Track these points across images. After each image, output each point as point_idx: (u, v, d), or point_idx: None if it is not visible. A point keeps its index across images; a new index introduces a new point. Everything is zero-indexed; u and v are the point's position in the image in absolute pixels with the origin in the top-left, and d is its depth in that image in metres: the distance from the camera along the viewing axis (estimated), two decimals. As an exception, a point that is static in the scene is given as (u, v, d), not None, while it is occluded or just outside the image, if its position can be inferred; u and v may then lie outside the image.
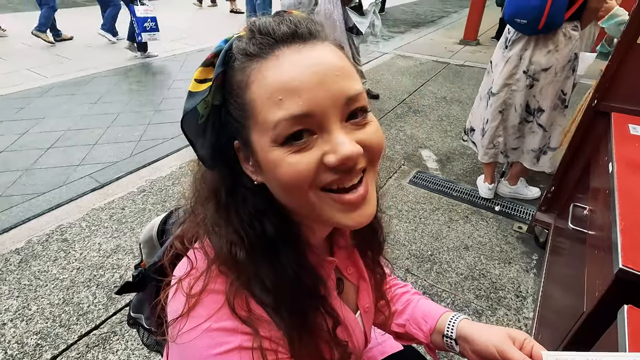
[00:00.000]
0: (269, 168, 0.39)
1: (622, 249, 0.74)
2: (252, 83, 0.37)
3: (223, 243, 0.44)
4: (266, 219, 0.44)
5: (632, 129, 1.26)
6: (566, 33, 1.67)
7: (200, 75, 0.40)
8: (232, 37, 0.41)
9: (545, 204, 1.82)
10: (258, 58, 0.37)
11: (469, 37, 5.94)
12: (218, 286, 0.43)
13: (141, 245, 0.69)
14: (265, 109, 0.37)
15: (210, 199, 0.46)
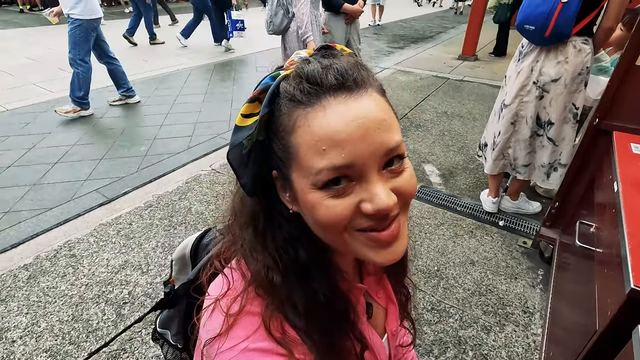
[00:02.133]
0: (307, 207, 0.41)
1: (633, 269, 0.76)
2: (298, 128, 0.39)
3: (260, 267, 0.46)
4: (300, 246, 0.46)
5: (635, 148, 1.30)
6: (576, 45, 1.71)
7: (247, 110, 0.42)
8: (277, 74, 0.42)
9: (550, 219, 1.85)
10: (305, 105, 0.39)
11: (468, 52, 6.06)
12: (254, 308, 0.45)
13: (173, 261, 0.70)
14: (309, 156, 0.38)
15: (249, 223, 0.48)
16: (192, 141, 3.21)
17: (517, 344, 1.51)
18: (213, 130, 3.42)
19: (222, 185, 2.55)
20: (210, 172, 2.71)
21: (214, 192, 2.48)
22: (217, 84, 4.76)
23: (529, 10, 1.71)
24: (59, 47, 6.38)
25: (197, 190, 2.49)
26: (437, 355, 1.46)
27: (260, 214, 0.47)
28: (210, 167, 2.78)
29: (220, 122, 3.62)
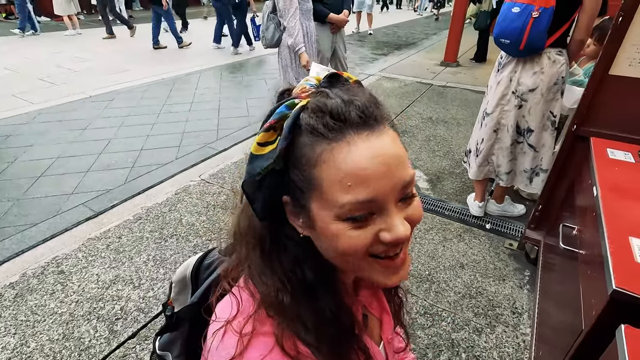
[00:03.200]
0: (328, 237, 0.42)
1: (614, 270, 0.81)
2: (323, 163, 0.40)
3: (269, 289, 0.47)
4: (307, 267, 0.48)
5: (611, 154, 1.37)
6: (550, 57, 1.80)
7: (263, 138, 0.42)
8: (292, 103, 0.42)
9: (534, 222, 1.92)
10: (329, 140, 0.40)
11: (450, 59, 6.22)
12: (266, 328, 0.46)
13: (173, 284, 0.70)
14: (334, 191, 0.40)
15: (256, 245, 0.49)
16: (180, 151, 3.19)
17: (508, 344, 1.55)
18: (201, 140, 3.40)
19: (212, 196, 2.54)
20: (200, 183, 2.70)
21: (204, 202, 2.47)
22: (204, 93, 4.75)
23: (504, 24, 1.79)
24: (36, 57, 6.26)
25: (187, 202, 2.47)
26: (432, 358, 1.49)
27: (267, 237, 0.48)
28: (199, 178, 2.76)
29: (208, 131, 3.60)
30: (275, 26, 2.83)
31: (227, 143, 3.35)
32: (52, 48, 6.96)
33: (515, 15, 1.72)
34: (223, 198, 2.51)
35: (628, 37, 1.40)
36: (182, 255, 2.00)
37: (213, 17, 11.09)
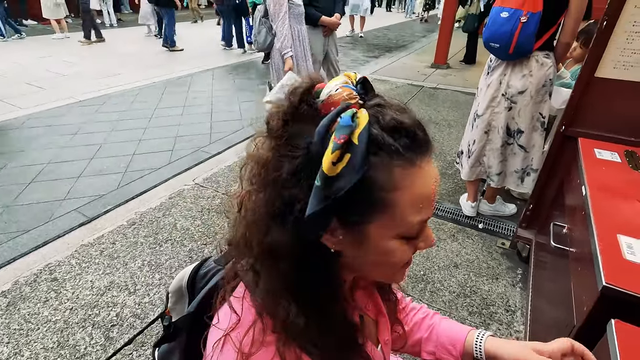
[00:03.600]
0: (381, 252, 0.44)
1: (604, 267, 0.84)
2: (400, 188, 0.40)
3: (279, 305, 0.46)
4: (324, 281, 0.47)
5: (598, 154, 1.41)
6: (538, 60, 1.85)
7: (336, 157, 0.37)
8: (352, 113, 0.38)
9: (525, 221, 1.95)
10: (404, 164, 0.40)
11: (440, 61, 6.30)
12: (268, 338, 0.46)
13: (169, 294, 0.69)
14: (407, 212, 0.42)
15: (269, 259, 0.46)
16: (173, 156, 3.17)
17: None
18: (194, 144, 3.39)
19: (206, 200, 2.53)
20: (194, 187, 2.69)
21: (198, 207, 2.46)
22: (196, 96, 4.73)
23: (493, 28, 1.83)
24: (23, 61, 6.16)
25: (182, 206, 2.47)
26: None
27: (289, 251, 0.44)
28: (193, 182, 2.75)
29: (201, 135, 3.59)
30: (267, 30, 2.84)
31: (221, 147, 3.35)
32: (40, 52, 6.87)
33: (504, 19, 1.76)
34: (217, 202, 2.51)
35: (612, 41, 1.45)
36: (177, 260, 1.99)
37: (208, 20, 11.10)
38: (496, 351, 0.64)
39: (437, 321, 0.76)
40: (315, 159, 0.38)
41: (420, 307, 0.81)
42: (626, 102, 1.50)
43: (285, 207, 0.42)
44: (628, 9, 1.39)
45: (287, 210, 0.42)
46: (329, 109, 0.41)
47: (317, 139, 0.38)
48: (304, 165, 0.40)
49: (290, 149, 0.42)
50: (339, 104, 0.40)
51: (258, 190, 0.45)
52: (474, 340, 0.68)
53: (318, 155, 0.38)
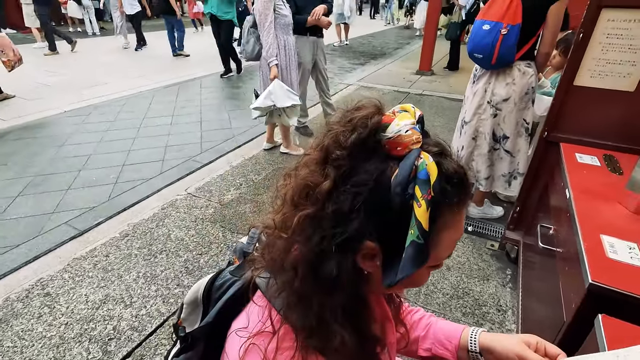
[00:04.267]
0: (412, 278, 0.47)
1: (590, 266, 0.90)
2: (446, 228, 0.46)
3: (311, 318, 0.49)
4: (356, 296, 0.51)
5: (579, 158, 1.49)
6: (520, 69, 1.95)
7: (428, 213, 0.42)
8: (423, 166, 0.42)
9: (513, 223, 2.03)
10: (456, 211, 0.46)
11: (424, 68, 6.45)
12: (287, 343, 0.49)
13: (184, 305, 0.71)
14: (444, 248, 0.48)
15: (310, 277, 0.49)
16: (164, 166, 3.16)
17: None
18: (185, 153, 3.38)
19: (199, 210, 2.53)
20: (187, 197, 2.69)
21: (192, 217, 2.46)
22: (185, 105, 4.71)
23: (476, 40, 1.92)
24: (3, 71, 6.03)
25: (175, 216, 2.46)
26: None
27: (333, 271, 0.47)
28: (185, 192, 2.75)
29: (191, 144, 3.59)
30: (255, 40, 2.89)
31: (212, 156, 3.35)
32: (21, 62, 6.72)
33: (485, 32, 1.85)
34: (211, 212, 2.51)
35: (588, 52, 1.54)
36: (173, 271, 1.99)
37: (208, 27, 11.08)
38: (489, 344, 0.69)
39: (433, 321, 0.81)
40: (394, 206, 0.42)
41: (417, 310, 0.85)
42: (602, 108, 1.59)
43: (343, 236, 0.45)
44: (601, 22, 1.49)
45: (342, 239, 0.45)
46: (394, 148, 0.44)
47: (399, 190, 0.42)
48: (369, 203, 0.44)
49: (354, 184, 0.44)
50: (406, 145, 0.44)
51: (312, 216, 0.47)
52: (469, 335, 0.72)
53: (400, 205, 0.42)
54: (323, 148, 0.48)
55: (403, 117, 0.46)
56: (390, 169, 0.44)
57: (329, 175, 0.46)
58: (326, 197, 0.46)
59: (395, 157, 0.44)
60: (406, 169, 0.42)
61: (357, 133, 0.45)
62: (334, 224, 0.45)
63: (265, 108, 2.83)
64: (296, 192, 0.50)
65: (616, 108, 1.57)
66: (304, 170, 0.50)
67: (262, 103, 2.78)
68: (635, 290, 0.83)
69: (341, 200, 0.45)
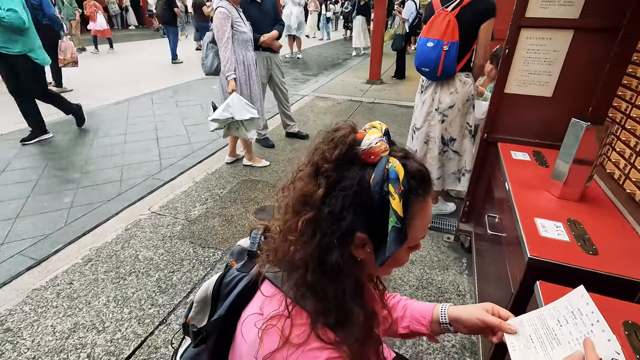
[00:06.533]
0: (396, 258, 0.60)
1: (528, 244, 1.08)
2: (418, 215, 0.59)
3: (326, 303, 0.59)
4: (354, 282, 0.62)
5: (514, 155, 1.74)
6: (461, 79, 2.21)
7: (401, 203, 0.55)
8: (392, 167, 0.55)
9: (465, 216, 2.26)
10: (422, 199, 0.59)
11: (374, 77, 6.82)
12: (302, 320, 0.59)
13: (194, 303, 0.77)
14: (417, 231, 0.61)
15: (319, 270, 0.59)
16: (122, 186, 3.06)
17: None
18: (144, 172, 3.30)
19: (166, 228, 2.50)
20: (151, 216, 2.64)
21: (159, 235, 2.42)
22: (136, 122, 4.57)
23: (422, 56, 2.16)
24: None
25: (141, 236, 2.41)
26: (399, 346, 1.69)
27: (336, 261, 0.58)
28: (149, 211, 2.69)
29: (150, 162, 3.50)
30: (214, 55, 2.94)
31: (173, 172, 3.30)
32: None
33: (430, 48, 2.09)
34: (179, 228, 2.49)
35: (514, 65, 1.81)
36: (145, 292, 1.96)
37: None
38: (457, 315, 0.83)
39: (409, 302, 0.94)
40: (375, 203, 0.55)
41: (394, 295, 0.98)
42: (529, 112, 1.87)
43: (339, 231, 0.57)
44: (522, 40, 1.76)
45: (339, 234, 0.57)
46: (369, 157, 0.57)
47: (377, 189, 0.54)
48: (355, 203, 0.56)
49: (341, 188, 0.56)
50: (377, 154, 0.56)
51: (312, 219, 0.58)
52: (440, 310, 0.86)
53: (379, 201, 0.54)
54: (313, 164, 0.61)
55: (372, 132, 0.58)
56: (367, 174, 0.56)
57: (321, 185, 0.58)
58: (321, 202, 0.58)
59: (371, 164, 0.57)
60: (380, 172, 0.54)
61: (339, 149, 0.57)
62: (331, 222, 0.57)
63: (223, 120, 2.86)
64: (295, 201, 0.61)
65: (539, 111, 1.84)
66: (300, 183, 0.62)
67: (220, 115, 2.81)
68: (562, 259, 1.02)
69: (333, 203, 0.57)
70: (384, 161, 0.55)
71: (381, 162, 0.55)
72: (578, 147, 1.27)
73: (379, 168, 0.55)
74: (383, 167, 0.55)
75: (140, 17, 16.86)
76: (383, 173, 0.54)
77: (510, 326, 0.75)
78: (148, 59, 9.06)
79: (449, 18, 2.04)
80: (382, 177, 0.54)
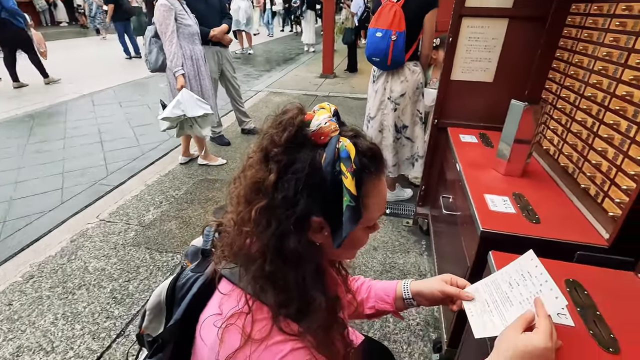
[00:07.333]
0: (355, 240, 0.61)
1: (480, 219, 1.15)
2: (371, 194, 0.58)
3: (287, 293, 0.57)
4: (316, 267, 0.60)
5: (462, 138, 1.83)
6: (410, 68, 2.29)
7: (354, 182, 0.53)
8: (342, 146, 0.53)
9: (421, 200, 2.36)
10: (375, 178, 0.58)
11: (327, 71, 6.86)
12: (262, 314, 0.57)
13: (147, 312, 0.72)
14: (374, 210, 0.60)
15: (278, 259, 0.57)
16: (65, 194, 2.82)
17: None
18: (89, 178, 3.06)
19: (118, 235, 2.34)
20: (100, 224, 2.46)
21: (110, 244, 2.26)
22: (77, 126, 4.22)
23: (372, 47, 2.21)
24: None
25: (89, 247, 2.24)
26: (367, 329, 1.73)
27: (295, 247, 0.56)
28: (97, 219, 2.51)
29: (95, 167, 3.26)
30: (159, 50, 2.78)
31: (122, 177, 3.10)
32: None
33: (379, 38, 2.13)
34: (132, 235, 2.34)
35: (457, 52, 1.90)
36: (99, 304, 1.83)
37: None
38: (418, 289, 0.86)
39: (372, 283, 0.95)
40: (328, 183, 0.53)
41: (358, 278, 0.99)
42: (473, 97, 1.97)
43: (294, 216, 0.54)
44: (463, 28, 1.85)
45: (294, 220, 0.55)
46: (319, 138, 0.55)
47: (329, 169, 0.53)
48: (308, 185, 0.54)
49: (293, 171, 0.54)
50: (327, 134, 0.54)
51: (266, 207, 0.55)
52: (402, 286, 0.89)
53: (332, 181, 0.53)
54: (262, 149, 0.58)
55: (321, 113, 0.57)
56: (319, 155, 0.54)
57: (272, 170, 0.55)
58: (274, 188, 0.55)
59: (321, 145, 0.55)
60: (331, 152, 0.53)
61: (288, 131, 0.55)
62: (285, 208, 0.55)
63: (175, 118, 2.72)
64: (247, 190, 0.59)
65: (482, 96, 1.96)
66: (250, 171, 0.59)
67: (171, 113, 2.67)
68: (510, 229, 1.10)
69: (286, 188, 0.54)
70: (334, 141, 0.54)
71: (331, 142, 0.54)
72: (518, 127, 1.36)
73: (330, 148, 0.53)
74: (334, 146, 0.53)
75: (72, 12, 15.52)
76: (334, 153, 0.53)
77: (468, 293, 0.79)
78: (82, 57, 8.40)
79: (395, 8, 2.10)
80: (333, 157, 0.53)
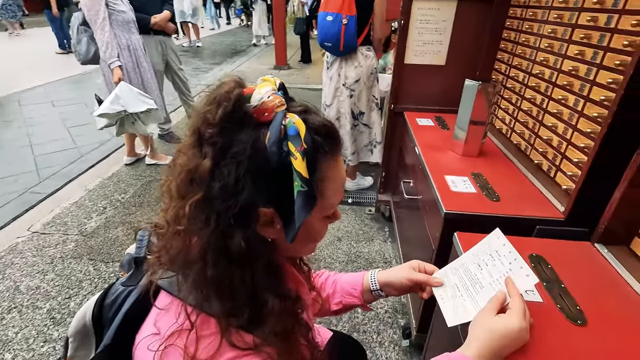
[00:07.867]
0: (312, 232, 0.54)
1: (442, 201, 1.13)
2: (327, 177, 0.50)
3: (238, 296, 0.49)
4: (267, 268, 0.51)
5: (419, 122, 1.83)
6: (363, 53, 2.25)
7: (304, 163, 0.45)
8: (290, 122, 0.45)
9: (382, 187, 2.35)
10: (330, 158, 0.50)
11: (281, 62, 6.70)
12: (209, 329, 0.48)
13: (69, 339, 0.61)
14: (332, 195, 0.52)
15: (221, 261, 0.48)
16: (-13, 206, 2.48)
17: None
18: (18, 186, 2.72)
19: (55, 248, 2.09)
20: (32, 237, 2.18)
21: (46, 258, 2.01)
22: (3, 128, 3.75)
23: (324, 31, 2.15)
24: None
25: (20, 263, 1.97)
26: (336, 324, 1.68)
27: (241, 246, 0.47)
28: (29, 231, 2.23)
29: (24, 174, 2.90)
30: (89, 39, 2.50)
31: (57, 182, 2.79)
32: None
33: (330, 22, 2.07)
34: (72, 246, 2.10)
35: (410, 36, 1.88)
36: (34, 328, 1.61)
37: None
38: (386, 279, 0.81)
39: (338, 277, 0.89)
40: (274, 166, 0.44)
41: (322, 272, 0.92)
42: (427, 80, 1.98)
43: (236, 208, 0.45)
44: (414, 10, 1.83)
45: (237, 212, 0.45)
46: (262, 115, 0.46)
47: (274, 149, 0.44)
48: (251, 170, 0.44)
49: (233, 155, 0.44)
50: (272, 110, 0.46)
51: (202, 199, 0.45)
52: (369, 278, 0.83)
53: (278, 164, 0.44)
54: (195, 131, 0.47)
55: (263, 85, 0.48)
56: (262, 134, 0.45)
57: (207, 154, 0.45)
58: (210, 176, 0.45)
59: (265, 123, 0.46)
60: (276, 130, 0.44)
61: (223, 107, 0.45)
62: (225, 199, 0.45)
63: (114, 115, 2.44)
64: (180, 182, 0.48)
65: (436, 79, 1.96)
66: (182, 159, 0.49)
67: (109, 109, 2.38)
68: (472, 209, 1.09)
69: (225, 175, 0.44)
70: (279, 116, 0.45)
71: (276, 118, 0.45)
72: (473, 107, 1.36)
73: (275, 125, 0.45)
74: (279, 123, 0.45)
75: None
76: (279, 131, 0.44)
77: (437, 279, 0.76)
78: (6, 50, 7.53)
79: (345, -9, 2.03)
80: (278, 135, 0.44)
